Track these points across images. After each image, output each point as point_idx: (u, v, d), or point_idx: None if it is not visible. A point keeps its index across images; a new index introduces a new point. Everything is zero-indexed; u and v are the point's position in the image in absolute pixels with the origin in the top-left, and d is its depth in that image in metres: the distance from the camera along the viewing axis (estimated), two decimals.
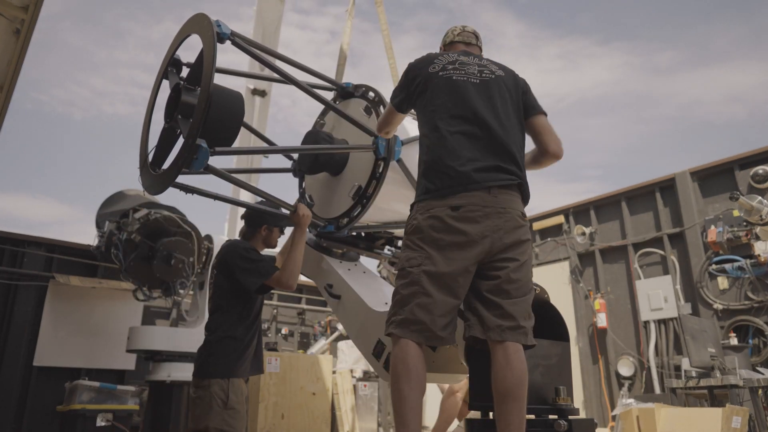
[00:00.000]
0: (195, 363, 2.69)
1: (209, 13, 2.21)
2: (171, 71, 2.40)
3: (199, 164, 2.00)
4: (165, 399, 5.13)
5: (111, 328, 6.43)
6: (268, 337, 8.17)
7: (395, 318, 1.94)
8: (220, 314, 2.69)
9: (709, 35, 36.50)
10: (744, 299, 6.27)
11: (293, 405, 5.22)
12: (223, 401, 2.54)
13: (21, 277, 6.19)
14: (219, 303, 2.71)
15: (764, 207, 5.64)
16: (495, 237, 1.92)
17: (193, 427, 2.56)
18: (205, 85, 2.00)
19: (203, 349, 2.67)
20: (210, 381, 2.57)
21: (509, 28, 36.65)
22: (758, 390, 4.35)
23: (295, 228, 2.65)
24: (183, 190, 2.20)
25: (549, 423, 1.89)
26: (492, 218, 1.93)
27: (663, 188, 7.30)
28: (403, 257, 2.01)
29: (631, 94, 36.70)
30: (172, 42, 2.44)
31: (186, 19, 2.38)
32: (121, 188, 6.22)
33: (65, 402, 5.56)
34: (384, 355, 2.38)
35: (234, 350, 2.63)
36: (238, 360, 2.64)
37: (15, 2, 3.98)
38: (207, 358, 2.63)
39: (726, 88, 35.15)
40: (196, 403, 2.56)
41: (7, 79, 4.66)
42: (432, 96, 2.10)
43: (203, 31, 2.17)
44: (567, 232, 8.09)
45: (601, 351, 7.44)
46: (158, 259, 5.38)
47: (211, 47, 2.06)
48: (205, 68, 2.06)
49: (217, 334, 2.64)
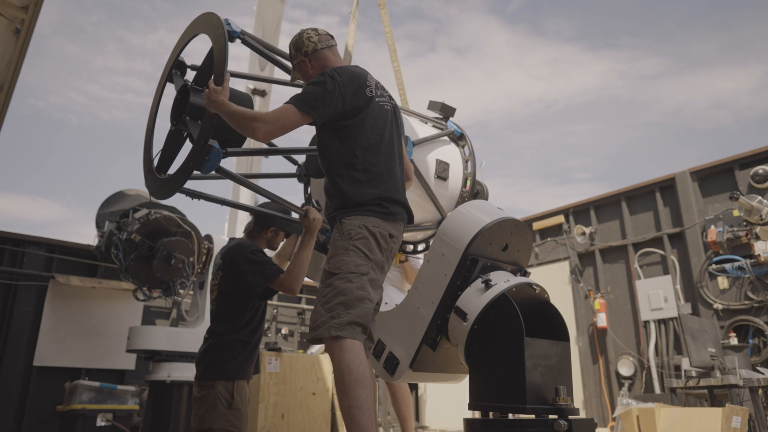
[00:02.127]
0: (198, 365, 2.66)
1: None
2: (175, 74, 2.37)
3: (211, 166, 1.97)
4: (165, 399, 5.13)
5: (111, 328, 6.43)
6: (268, 337, 8.17)
7: (341, 320, 1.92)
8: (225, 318, 2.66)
9: (690, 43, 36.80)
10: (744, 299, 6.27)
11: (293, 405, 5.21)
12: (228, 402, 2.54)
13: (21, 277, 6.19)
14: (224, 307, 2.69)
15: (764, 207, 5.64)
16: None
17: (196, 426, 2.55)
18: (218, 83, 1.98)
19: (208, 352, 2.64)
20: (215, 381, 2.56)
21: (497, 36, 36.86)
22: (758, 390, 4.34)
23: (305, 232, 2.61)
24: (190, 195, 2.16)
25: (549, 423, 1.89)
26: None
27: (663, 188, 7.30)
28: (349, 261, 2.02)
29: (618, 100, 36.96)
30: (177, 43, 2.39)
31: (185, 25, 2.35)
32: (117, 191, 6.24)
33: (65, 402, 5.56)
34: (384, 355, 2.38)
35: (240, 353, 2.62)
36: (244, 363, 2.63)
37: (15, 2, 3.98)
38: (213, 359, 2.61)
39: (710, 94, 35.46)
40: (201, 403, 2.56)
41: (7, 79, 4.66)
42: (369, 121, 2.16)
43: (213, 29, 2.13)
44: (567, 232, 8.09)
45: (601, 351, 7.44)
46: (158, 259, 5.38)
47: (223, 45, 2.03)
48: (217, 66, 2.02)
49: (223, 338, 2.61)
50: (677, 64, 35.75)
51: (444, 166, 2.75)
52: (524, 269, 2.38)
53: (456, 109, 2.98)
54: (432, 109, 3.03)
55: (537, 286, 2.19)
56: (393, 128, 2.25)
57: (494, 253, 2.27)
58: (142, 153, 2.39)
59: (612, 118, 38.13)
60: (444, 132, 2.88)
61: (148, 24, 42.82)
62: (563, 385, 1.98)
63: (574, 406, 1.98)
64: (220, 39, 2.05)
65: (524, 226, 2.34)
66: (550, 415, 1.94)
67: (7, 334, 6.00)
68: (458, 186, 2.82)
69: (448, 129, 2.92)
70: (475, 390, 2.06)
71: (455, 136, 2.92)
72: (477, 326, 2.06)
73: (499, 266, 2.28)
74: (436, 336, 2.24)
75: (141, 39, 40.56)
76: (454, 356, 2.34)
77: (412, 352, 2.24)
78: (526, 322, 1.95)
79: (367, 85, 2.18)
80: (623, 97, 36.87)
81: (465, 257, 2.17)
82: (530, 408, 1.89)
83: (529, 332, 1.95)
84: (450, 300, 2.18)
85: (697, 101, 37.44)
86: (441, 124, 2.95)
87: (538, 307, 2.17)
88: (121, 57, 41.12)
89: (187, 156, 2.05)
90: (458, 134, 2.91)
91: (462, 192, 2.82)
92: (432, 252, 2.32)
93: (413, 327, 2.26)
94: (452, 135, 2.91)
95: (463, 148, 2.90)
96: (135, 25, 42.59)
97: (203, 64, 2.26)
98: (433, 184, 2.70)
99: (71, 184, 55.54)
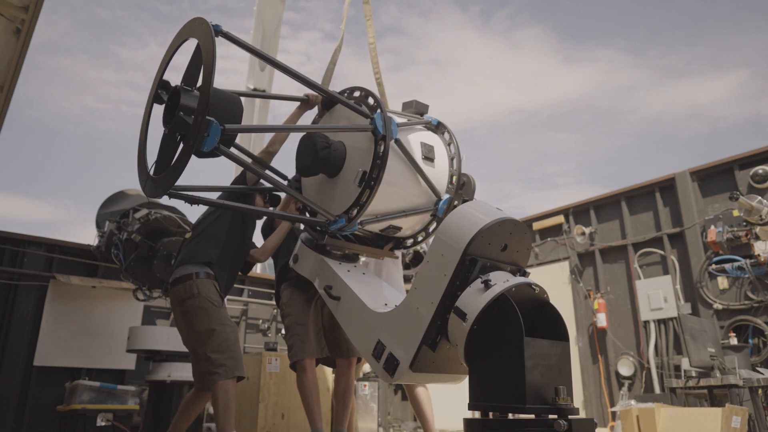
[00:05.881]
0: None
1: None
2: (162, 93, 2.38)
3: (212, 142, 1.96)
4: (165, 399, 5.13)
5: (111, 328, 6.43)
6: (268, 337, 8.17)
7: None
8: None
9: (665, 55, 37.30)
10: (744, 299, 6.27)
11: (293, 405, 5.21)
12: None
13: (21, 277, 6.19)
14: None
15: (764, 207, 5.64)
16: None
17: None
18: (209, 60, 1.99)
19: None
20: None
21: (477, 51, 37.29)
22: (758, 390, 4.35)
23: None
24: (189, 201, 2.15)
25: (549, 423, 1.89)
26: None
27: (663, 188, 7.30)
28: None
29: (598, 109, 37.42)
30: (164, 55, 2.43)
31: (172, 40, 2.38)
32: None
33: (65, 402, 5.56)
34: (384, 356, 2.38)
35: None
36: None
37: (15, 2, 3.99)
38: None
39: (685, 104, 35.98)
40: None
41: (8, 80, 4.66)
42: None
43: (197, 28, 2.17)
44: (567, 232, 8.09)
45: (600, 351, 7.44)
46: (158, 259, 5.38)
47: (209, 38, 2.04)
48: (206, 59, 2.04)
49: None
50: (652, 75, 36.07)
51: (429, 147, 2.76)
52: (524, 269, 2.38)
53: (429, 105, 2.99)
54: (406, 110, 3.03)
55: (536, 286, 2.19)
56: None
57: (493, 254, 2.27)
58: (137, 163, 2.38)
59: (591, 127, 38.46)
60: (421, 120, 2.89)
61: (139, 39, 43.28)
62: (563, 385, 1.98)
63: (574, 406, 1.98)
64: (206, 33, 2.07)
65: (523, 227, 2.34)
66: (549, 415, 1.94)
67: (8, 334, 6.00)
68: (446, 167, 2.82)
69: (424, 120, 2.92)
70: (474, 390, 2.06)
71: (432, 125, 2.92)
72: (477, 326, 2.06)
73: (499, 266, 2.28)
74: (436, 336, 2.24)
75: (133, 53, 40.95)
76: (453, 356, 2.34)
77: (411, 353, 2.24)
78: (526, 322, 1.95)
79: None
80: (602, 107, 37.19)
81: (464, 257, 2.17)
82: (530, 408, 1.89)
83: (528, 332, 1.95)
84: (449, 300, 2.18)
85: (673, 111, 37.79)
86: (417, 118, 2.95)
87: (538, 307, 2.17)
88: (114, 70, 41.50)
89: (185, 136, 2.04)
90: (435, 123, 2.92)
91: (450, 171, 2.82)
92: (431, 252, 2.32)
93: (413, 327, 2.26)
94: (429, 124, 2.92)
95: (443, 134, 2.91)
96: (126, 41, 42.95)
97: (190, 62, 2.28)
98: (422, 166, 2.69)
99: (70, 188, 55.92)
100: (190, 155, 1.99)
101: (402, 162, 2.61)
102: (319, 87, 2.70)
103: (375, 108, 2.58)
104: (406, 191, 2.69)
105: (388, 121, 2.49)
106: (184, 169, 2.02)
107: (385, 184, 2.52)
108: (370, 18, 3.68)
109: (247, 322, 8.21)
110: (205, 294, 3.11)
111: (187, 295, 3.10)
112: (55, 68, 55.61)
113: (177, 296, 3.14)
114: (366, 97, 2.70)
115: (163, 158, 2.26)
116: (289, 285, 3.59)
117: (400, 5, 34.10)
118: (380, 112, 2.50)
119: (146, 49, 43.91)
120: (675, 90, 34.94)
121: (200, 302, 3.08)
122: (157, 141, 2.30)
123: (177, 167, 2.04)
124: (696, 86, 36.34)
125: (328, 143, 2.66)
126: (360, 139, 2.61)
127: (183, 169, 2.03)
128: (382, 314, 2.40)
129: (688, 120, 44.87)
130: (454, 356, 2.35)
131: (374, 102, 2.62)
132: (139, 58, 43.08)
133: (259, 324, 8.24)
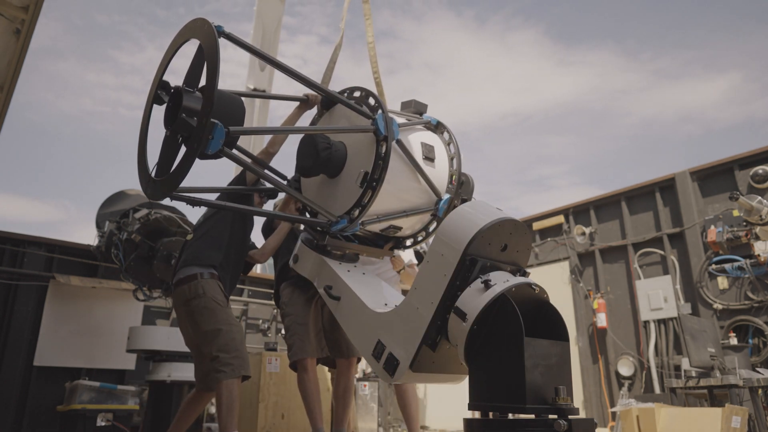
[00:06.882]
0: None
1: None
2: (162, 93, 2.37)
3: (216, 144, 1.94)
4: (165, 399, 5.12)
5: (111, 328, 6.43)
6: (268, 337, 8.18)
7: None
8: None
9: (658, 58, 37.45)
10: (744, 299, 6.27)
11: (293, 405, 5.21)
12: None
13: (21, 277, 6.19)
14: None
15: (764, 207, 5.64)
16: None
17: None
18: (213, 61, 1.98)
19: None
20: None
21: (471, 55, 37.39)
22: (758, 390, 4.35)
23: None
24: (191, 203, 2.13)
25: (549, 423, 1.89)
26: None
27: (663, 188, 7.31)
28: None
29: (592, 112, 37.54)
30: (164, 56, 2.41)
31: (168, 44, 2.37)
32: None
33: (65, 402, 5.56)
34: (384, 356, 2.38)
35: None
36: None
37: (15, 2, 3.99)
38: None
39: (679, 107, 36.18)
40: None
41: (8, 79, 4.66)
42: None
43: (199, 29, 2.15)
44: (567, 232, 8.09)
45: (600, 351, 7.44)
46: (158, 259, 5.38)
47: (213, 39, 2.03)
48: (209, 52, 2.02)
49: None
50: (647, 78, 36.22)
51: (429, 147, 2.76)
52: (524, 269, 2.38)
53: (428, 105, 2.99)
54: (405, 109, 3.03)
55: (536, 286, 2.18)
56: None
57: (493, 254, 2.27)
58: (137, 164, 2.36)
59: (585, 130, 38.57)
60: (421, 120, 2.89)
61: (136, 44, 43.28)
62: (563, 385, 1.98)
63: (574, 406, 1.98)
64: (210, 34, 2.05)
65: (523, 227, 2.34)
66: (549, 415, 1.94)
67: (8, 334, 6.01)
68: (446, 166, 2.82)
69: (424, 119, 2.92)
70: (474, 390, 2.06)
71: (432, 125, 2.92)
72: (477, 326, 2.06)
73: (499, 266, 2.27)
74: (436, 336, 2.24)
75: (131, 57, 41.00)
76: (453, 357, 2.34)
77: (412, 353, 2.24)
78: (526, 322, 1.95)
79: None
80: (596, 109, 37.27)
81: (464, 257, 2.17)
82: (530, 408, 1.88)
83: (528, 332, 1.95)
84: (449, 300, 2.18)
85: (667, 114, 37.98)
86: (416, 118, 2.95)
87: (538, 307, 2.17)
88: (111, 73, 41.51)
89: (190, 139, 2.03)
90: (435, 123, 2.92)
91: (450, 171, 2.82)
92: (431, 252, 2.32)
93: (413, 327, 2.26)
94: (428, 124, 2.92)
95: (442, 134, 2.91)
96: (124, 45, 42.97)
97: (192, 64, 2.26)
98: (423, 166, 2.69)
99: (69, 188, 56.00)
100: (195, 158, 1.98)
101: (403, 162, 2.61)
102: (320, 87, 2.69)
103: (376, 108, 2.58)
104: (408, 191, 2.69)
105: (389, 121, 2.48)
106: (188, 172, 2.01)
107: (387, 185, 2.52)
108: (370, 17, 3.68)
109: (247, 322, 8.21)
110: (210, 294, 3.11)
111: (193, 296, 3.09)
112: (53, 72, 56.19)
113: (182, 296, 3.14)
114: (366, 97, 2.70)
115: (164, 160, 2.25)
116: (289, 285, 3.59)
117: (394, 10, 34.25)
118: (382, 113, 2.50)
119: (144, 53, 44.33)
120: (668, 93, 35.21)
121: (206, 302, 3.08)
122: (157, 141, 2.29)
123: (181, 170, 2.02)
124: (689, 89, 36.85)
125: (329, 144, 2.66)
126: (361, 140, 2.61)
127: (187, 173, 2.01)
128: (382, 314, 2.40)
129: (681, 123, 45.21)
130: (454, 356, 2.34)
131: (375, 102, 2.61)
132: (137, 62, 43.61)
133: (259, 324, 8.25)
